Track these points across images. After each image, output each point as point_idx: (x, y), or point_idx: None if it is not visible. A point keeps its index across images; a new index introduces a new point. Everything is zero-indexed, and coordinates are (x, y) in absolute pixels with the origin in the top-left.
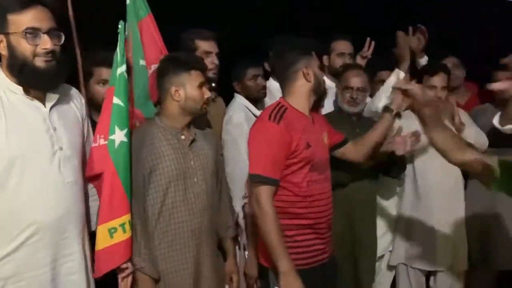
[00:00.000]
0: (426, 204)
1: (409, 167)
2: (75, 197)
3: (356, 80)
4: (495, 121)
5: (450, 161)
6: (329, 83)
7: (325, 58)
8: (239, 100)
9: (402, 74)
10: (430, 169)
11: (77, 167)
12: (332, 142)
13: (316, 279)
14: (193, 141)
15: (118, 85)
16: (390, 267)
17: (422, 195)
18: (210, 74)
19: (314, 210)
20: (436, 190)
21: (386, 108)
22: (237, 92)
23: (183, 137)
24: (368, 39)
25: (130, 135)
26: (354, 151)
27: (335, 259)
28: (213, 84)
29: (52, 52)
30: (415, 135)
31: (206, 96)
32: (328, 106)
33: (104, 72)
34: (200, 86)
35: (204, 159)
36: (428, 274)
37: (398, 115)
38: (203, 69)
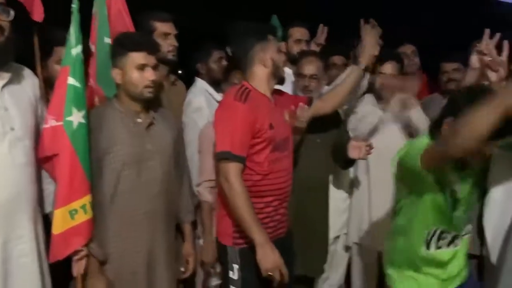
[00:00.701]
0: (376, 187)
1: None
2: (27, 178)
3: (309, 68)
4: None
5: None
6: (287, 69)
7: (282, 44)
8: (200, 84)
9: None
10: (383, 159)
11: (29, 148)
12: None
13: None
14: (150, 124)
15: (73, 66)
16: (346, 248)
17: (373, 179)
18: (169, 56)
19: (274, 187)
20: (387, 177)
21: (356, 61)
22: (199, 76)
23: (140, 120)
24: (321, 25)
25: (88, 116)
26: (322, 105)
27: (292, 234)
28: (180, 72)
29: None
30: (370, 146)
31: (149, 79)
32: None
33: (64, 52)
34: (141, 68)
35: (162, 143)
36: (380, 254)
37: (367, 69)
38: (149, 50)
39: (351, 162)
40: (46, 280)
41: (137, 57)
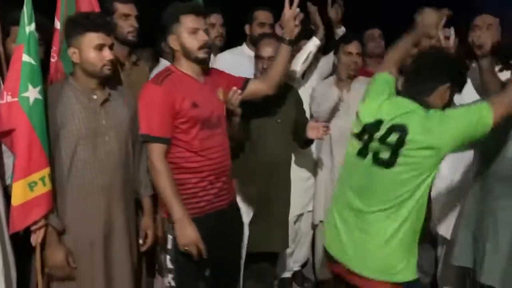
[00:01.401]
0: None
1: None
2: None
3: (267, 50)
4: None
5: None
6: (250, 52)
7: (246, 26)
8: (164, 64)
9: (317, 42)
10: (345, 139)
11: None
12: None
13: (212, 224)
14: (106, 100)
15: (27, 44)
16: (313, 226)
17: (337, 158)
18: (129, 37)
19: (208, 163)
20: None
21: (282, 39)
22: (163, 55)
23: (95, 97)
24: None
25: (45, 92)
26: (260, 85)
27: (234, 207)
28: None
29: None
30: (327, 127)
31: (107, 58)
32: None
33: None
34: (99, 48)
35: (117, 119)
36: None
37: (292, 42)
38: (105, 30)
39: (309, 142)
40: (8, 251)
41: (95, 37)
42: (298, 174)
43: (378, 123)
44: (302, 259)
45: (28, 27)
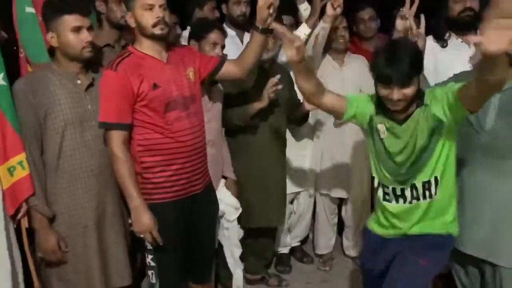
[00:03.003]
0: (334, 141)
1: None
2: None
3: None
4: None
5: (309, 102)
6: (230, 31)
7: (223, 6)
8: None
9: (325, 25)
10: None
11: None
12: (210, 69)
13: (185, 208)
14: (90, 85)
15: None
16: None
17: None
18: (122, 21)
19: (178, 145)
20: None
21: (255, 27)
22: None
23: (79, 81)
24: None
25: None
26: (234, 68)
27: (208, 189)
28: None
29: None
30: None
31: (85, 40)
32: (232, 55)
33: None
34: (76, 30)
35: None
36: (340, 204)
37: (265, 30)
38: (81, 12)
39: (304, 119)
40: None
41: (72, 19)
42: (294, 153)
43: None
44: (301, 235)
45: None
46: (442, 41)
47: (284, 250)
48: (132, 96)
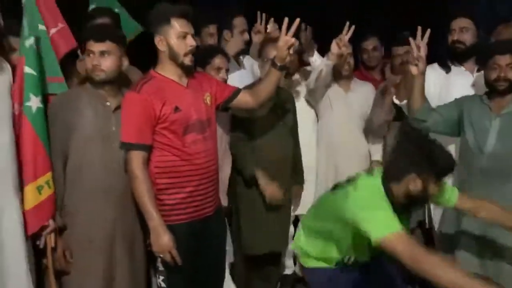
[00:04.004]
0: (337, 165)
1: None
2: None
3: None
4: (394, 98)
5: None
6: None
7: (226, 32)
8: None
9: (329, 62)
10: (335, 127)
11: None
12: (225, 96)
13: (197, 230)
14: (118, 107)
15: (28, 56)
16: None
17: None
18: None
19: (193, 167)
20: (342, 148)
21: (273, 63)
22: None
23: (108, 103)
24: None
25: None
26: (249, 99)
27: (219, 213)
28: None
29: None
30: None
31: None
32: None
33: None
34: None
35: None
36: None
37: (283, 68)
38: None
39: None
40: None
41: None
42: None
43: None
44: None
45: (28, 41)
46: (446, 68)
47: (287, 271)
48: (154, 118)
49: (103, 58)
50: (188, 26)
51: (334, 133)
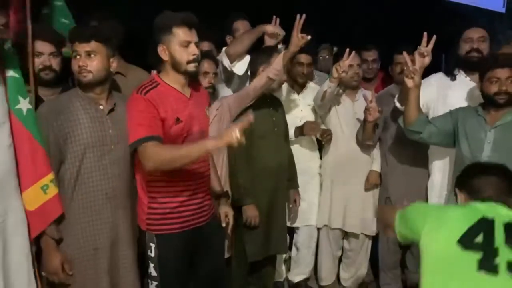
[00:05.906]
0: (342, 173)
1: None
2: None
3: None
4: (396, 101)
5: None
6: (228, 63)
7: (228, 38)
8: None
9: (332, 85)
10: (343, 142)
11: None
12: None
13: (191, 240)
14: (112, 110)
15: (6, 59)
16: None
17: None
18: None
19: (186, 178)
20: (352, 163)
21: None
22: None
23: (101, 107)
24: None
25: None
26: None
27: (214, 222)
28: None
29: None
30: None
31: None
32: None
33: None
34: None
35: (123, 127)
36: (343, 237)
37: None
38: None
39: None
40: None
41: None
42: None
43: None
44: (306, 272)
45: (6, 43)
46: (451, 76)
47: (279, 278)
48: (160, 117)
49: (89, 59)
50: (191, 34)
51: (339, 143)
